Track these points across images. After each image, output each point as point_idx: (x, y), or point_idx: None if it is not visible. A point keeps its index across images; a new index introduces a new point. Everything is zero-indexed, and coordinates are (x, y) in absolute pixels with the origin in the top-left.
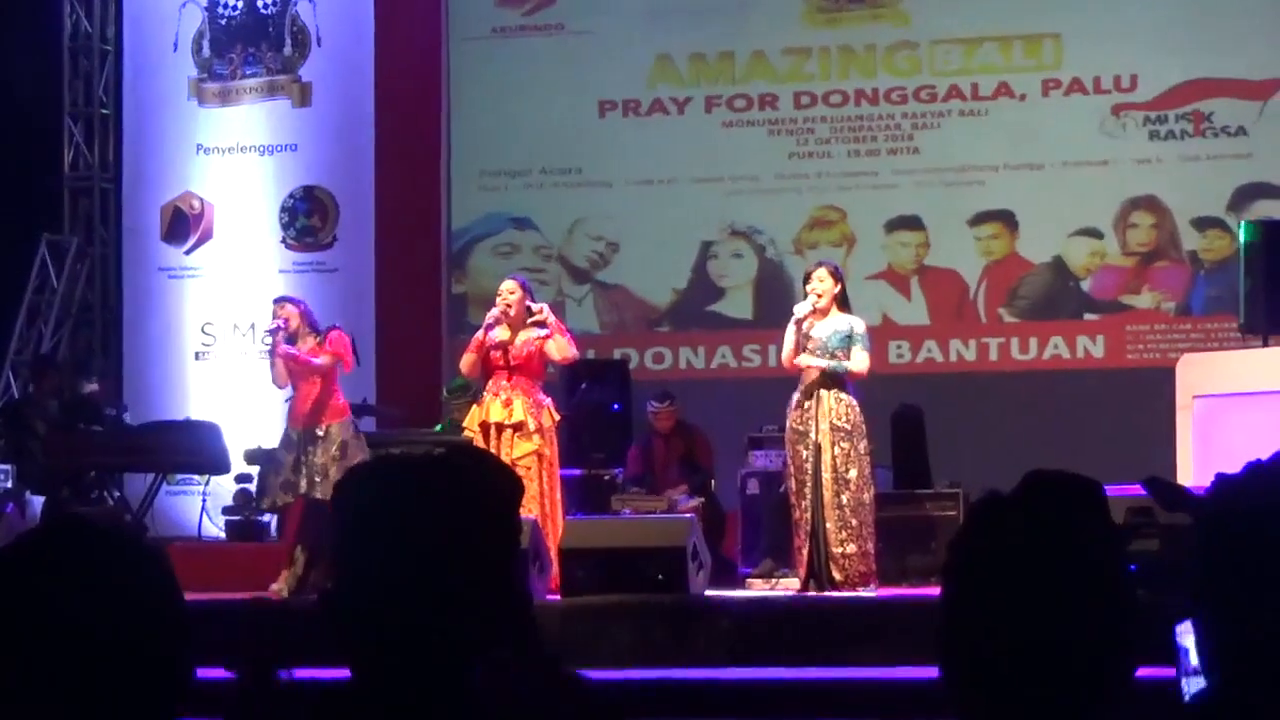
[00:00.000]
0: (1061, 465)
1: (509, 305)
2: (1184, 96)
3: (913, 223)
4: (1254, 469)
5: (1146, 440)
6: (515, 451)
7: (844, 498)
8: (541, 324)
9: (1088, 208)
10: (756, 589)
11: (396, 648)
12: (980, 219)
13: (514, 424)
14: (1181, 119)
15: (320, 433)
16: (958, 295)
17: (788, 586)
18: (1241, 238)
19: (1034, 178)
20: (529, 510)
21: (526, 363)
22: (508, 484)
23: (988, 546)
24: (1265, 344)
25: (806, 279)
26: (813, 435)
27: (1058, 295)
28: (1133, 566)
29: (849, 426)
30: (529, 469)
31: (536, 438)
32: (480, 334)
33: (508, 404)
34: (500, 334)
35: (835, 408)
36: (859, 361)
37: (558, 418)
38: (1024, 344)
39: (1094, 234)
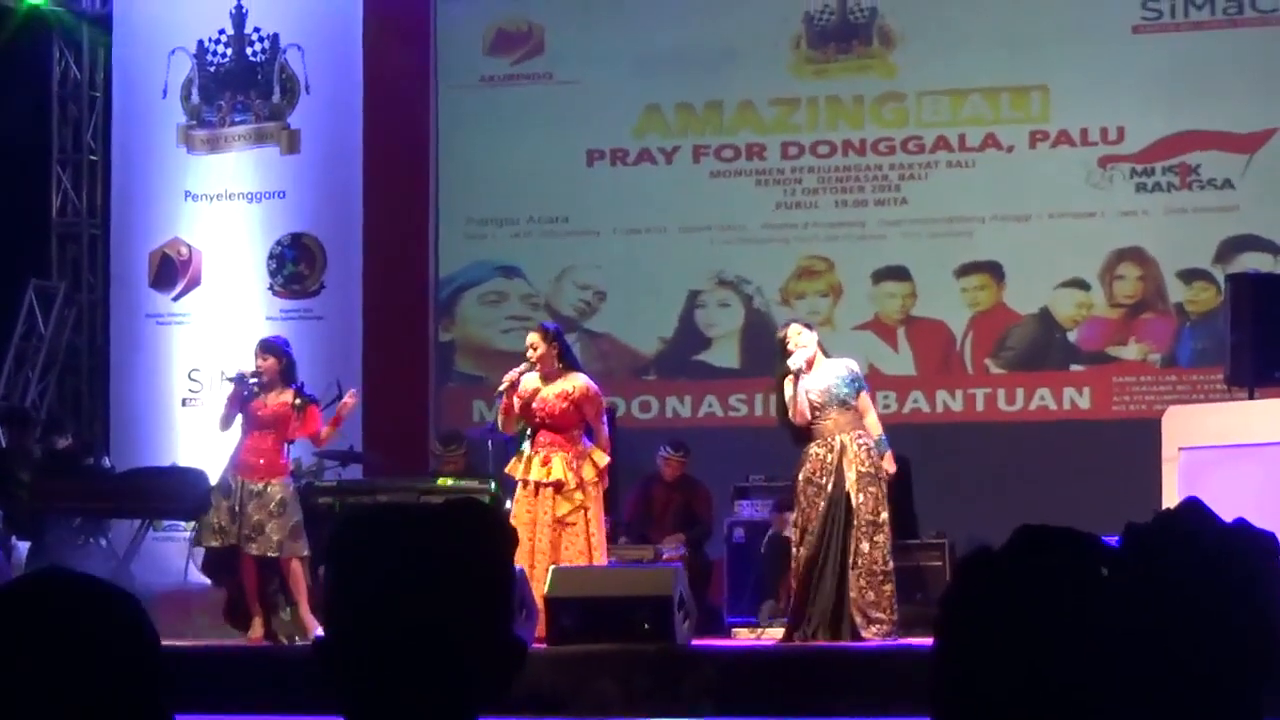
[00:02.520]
0: (1047, 516)
1: (531, 359)
2: (1171, 149)
3: (900, 273)
4: (1162, 518)
5: (1132, 492)
6: (559, 510)
7: (865, 545)
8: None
9: (1074, 259)
10: (742, 638)
11: (392, 698)
12: (967, 270)
13: (552, 483)
14: (1168, 171)
15: (258, 489)
16: (944, 346)
17: (773, 636)
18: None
19: (1021, 229)
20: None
21: (560, 418)
22: (502, 534)
23: (978, 601)
24: (1251, 396)
25: (783, 342)
26: (832, 486)
27: (1044, 346)
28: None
29: (874, 470)
30: (576, 524)
31: (578, 494)
32: (505, 398)
33: (546, 462)
34: (530, 381)
35: (859, 453)
36: (874, 422)
37: (604, 463)
38: (1010, 395)
39: (1081, 285)
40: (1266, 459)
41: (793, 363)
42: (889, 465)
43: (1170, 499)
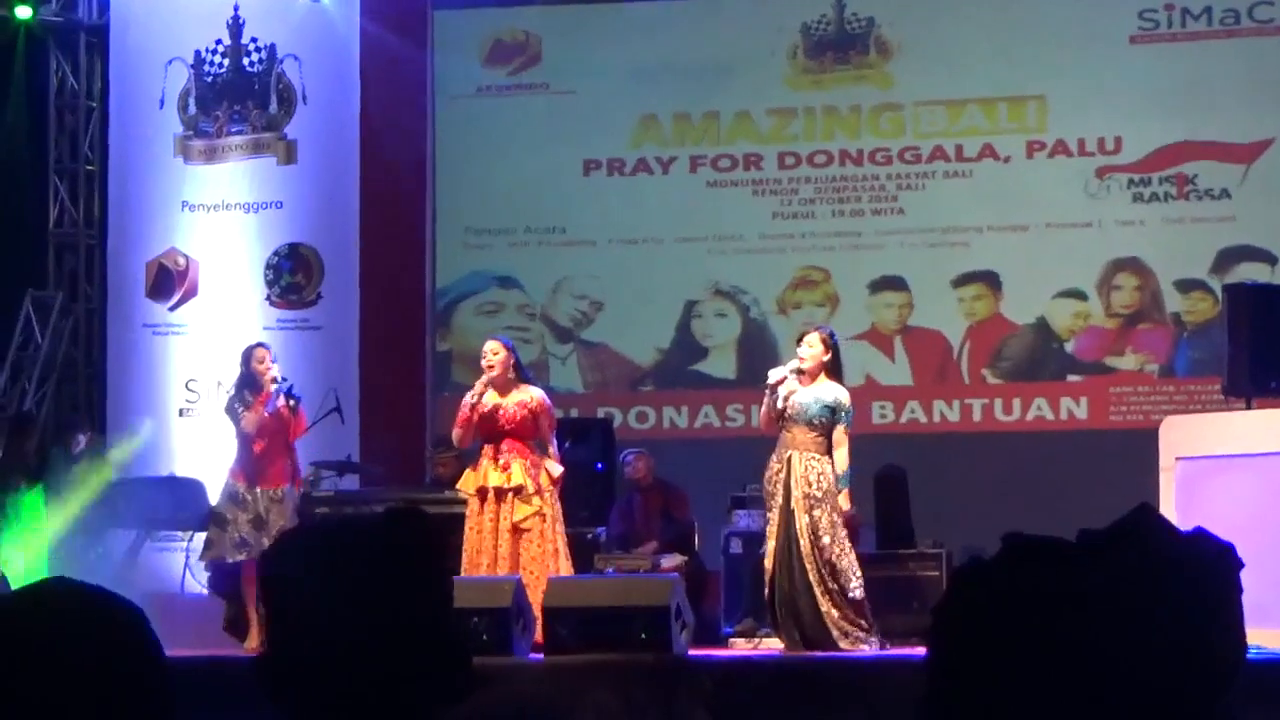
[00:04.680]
0: (1044, 526)
1: (491, 366)
2: (1168, 159)
3: (896, 283)
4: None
5: (1129, 502)
6: (516, 515)
7: (823, 563)
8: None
9: (1071, 269)
10: (739, 649)
11: (336, 712)
12: (964, 280)
13: (513, 488)
14: (1165, 181)
15: (278, 495)
16: (941, 356)
17: (770, 646)
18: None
19: (1018, 239)
20: (534, 572)
21: (520, 426)
22: (438, 541)
23: (969, 611)
24: (1249, 406)
25: (799, 341)
26: (781, 500)
27: (1041, 356)
28: None
29: (819, 493)
30: (532, 530)
31: (536, 499)
32: (468, 411)
33: (505, 468)
34: (490, 399)
35: (805, 474)
36: (841, 451)
37: (558, 473)
38: (1007, 405)
39: (1078, 295)
40: (1264, 469)
41: (773, 374)
42: (844, 503)
43: (1168, 509)
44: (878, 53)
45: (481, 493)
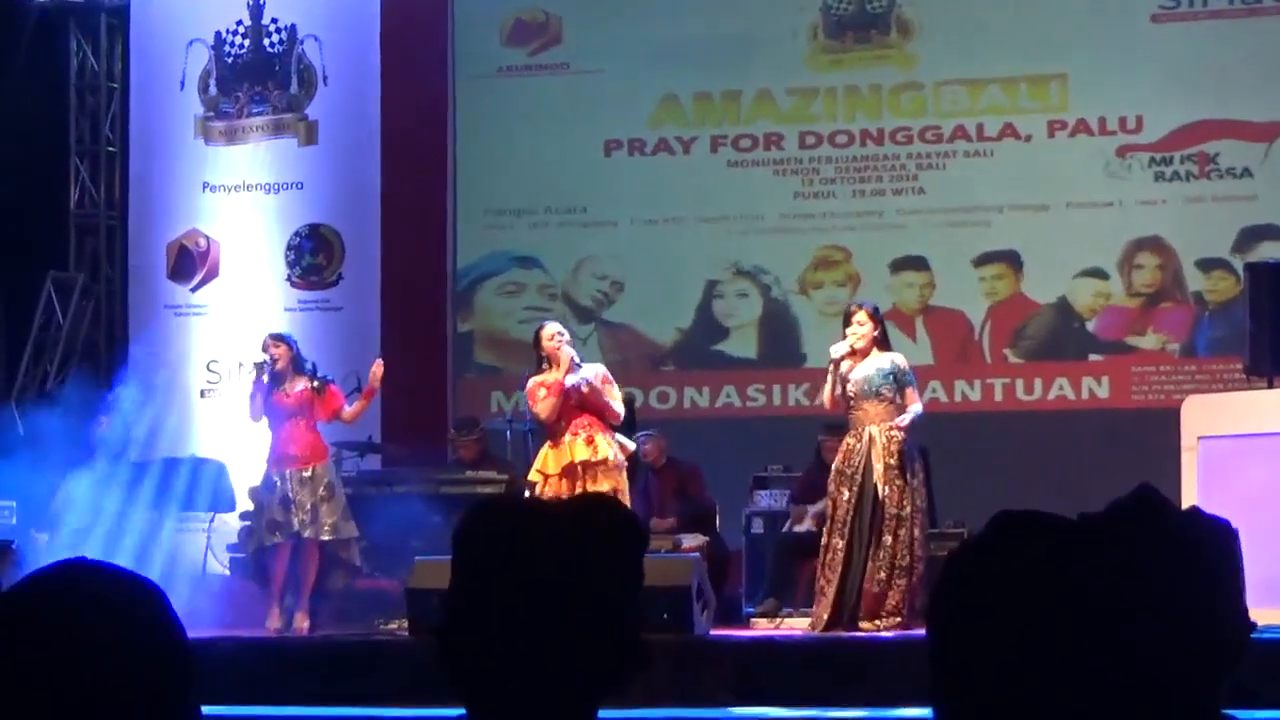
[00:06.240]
0: (1064, 506)
1: (568, 342)
2: (1189, 138)
3: (918, 263)
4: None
5: (1151, 481)
6: (602, 488)
7: (888, 538)
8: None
9: (1093, 248)
10: (761, 629)
11: (515, 689)
12: (985, 259)
13: (599, 460)
14: (1187, 160)
15: (307, 474)
16: (963, 336)
17: (792, 626)
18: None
19: (1039, 218)
20: None
21: (595, 397)
22: (633, 532)
23: (957, 590)
24: (1270, 385)
25: (846, 320)
26: (860, 476)
27: (1063, 336)
28: None
29: (900, 464)
30: None
31: (616, 473)
32: (563, 379)
33: (590, 441)
34: (571, 378)
35: (887, 445)
36: (913, 408)
37: (632, 448)
38: (1029, 385)
39: (1099, 275)
40: None
41: (835, 350)
42: (910, 413)
43: (1189, 488)
44: (898, 32)
45: (569, 469)
